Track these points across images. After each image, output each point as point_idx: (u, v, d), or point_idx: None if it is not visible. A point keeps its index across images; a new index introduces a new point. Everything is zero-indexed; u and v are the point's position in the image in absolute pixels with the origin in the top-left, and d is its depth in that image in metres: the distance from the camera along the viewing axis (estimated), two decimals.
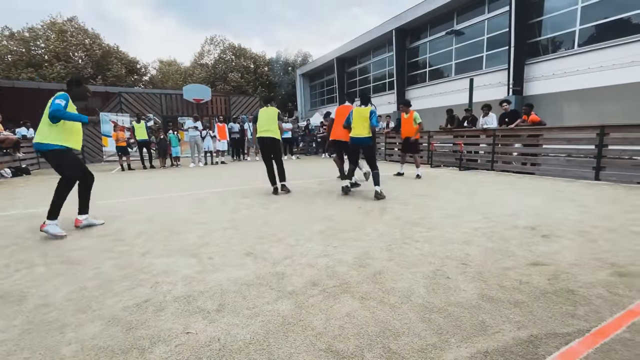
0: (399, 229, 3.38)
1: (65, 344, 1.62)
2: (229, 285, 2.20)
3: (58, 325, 1.78)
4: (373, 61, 20.73)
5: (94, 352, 1.55)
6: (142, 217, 4.19)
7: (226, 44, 34.07)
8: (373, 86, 20.99)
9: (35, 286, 2.27)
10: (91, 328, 1.75)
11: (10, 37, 27.26)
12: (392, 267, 2.44)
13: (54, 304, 2.02)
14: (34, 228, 3.80)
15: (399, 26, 16.90)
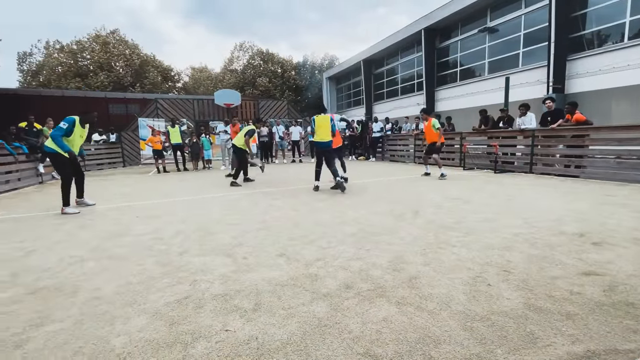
0: (433, 233, 3.28)
1: (115, 336, 1.71)
2: (264, 285, 2.24)
3: (108, 318, 1.89)
4: (401, 62, 20.40)
5: (141, 345, 1.62)
6: (178, 217, 4.37)
7: (255, 49, 35.00)
8: (401, 87, 20.65)
9: (87, 280, 2.43)
10: (137, 321, 1.84)
11: (60, 50, 29.67)
12: (428, 272, 2.36)
13: (104, 297, 2.15)
14: (83, 224, 4.08)
15: (428, 26, 16.52)
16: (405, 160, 11.86)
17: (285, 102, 18.35)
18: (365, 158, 13.61)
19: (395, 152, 12.65)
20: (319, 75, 32.52)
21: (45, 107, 16.10)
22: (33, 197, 6.72)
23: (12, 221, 4.48)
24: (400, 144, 12.42)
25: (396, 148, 12.61)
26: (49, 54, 29.61)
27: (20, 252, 3.12)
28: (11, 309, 2.02)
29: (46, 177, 9.11)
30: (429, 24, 16.46)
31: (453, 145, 9.99)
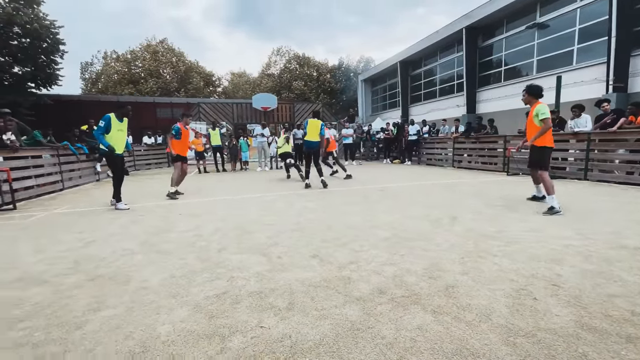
0: (472, 241, 3.13)
1: (161, 324, 1.84)
2: (298, 286, 2.28)
3: (154, 307, 2.03)
4: (440, 63, 19.73)
5: (183, 334, 1.73)
6: (217, 216, 4.58)
7: (291, 54, 35.77)
8: (439, 89, 19.95)
9: (136, 271, 2.63)
10: (180, 312, 1.96)
11: (116, 60, 32.46)
12: (467, 281, 2.26)
13: (151, 287, 2.31)
14: (134, 219, 4.43)
15: (470, 24, 15.82)
16: (443, 165, 11.42)
17: (320, 105, 18.52)
18: (401, 161, 13.31)
19: (432, 156, 12.24)
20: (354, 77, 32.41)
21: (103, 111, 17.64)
22: (92, 193, 7.40)
23: (76, 214, 4.97)
24: (438, 148, 11.99)
25: (433, 152, 12.20)
26: (106, 63, 32.51)
27: (81, 242, 3.46)
28: (73, 293, 2.25)
29: (102, 175, 9.98)
30: (470, 22, 15.77)
31: (496, 149, 9.45)
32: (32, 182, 6.83)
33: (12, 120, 6.93)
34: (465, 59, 16.44)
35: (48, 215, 5.02)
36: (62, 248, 3.28)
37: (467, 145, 10.39)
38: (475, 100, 16.61)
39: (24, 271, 2.70)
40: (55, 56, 17.19)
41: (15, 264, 2.86)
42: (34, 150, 7.26)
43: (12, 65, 15.86)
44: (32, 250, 3.25)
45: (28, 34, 15.49)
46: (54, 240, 3.59)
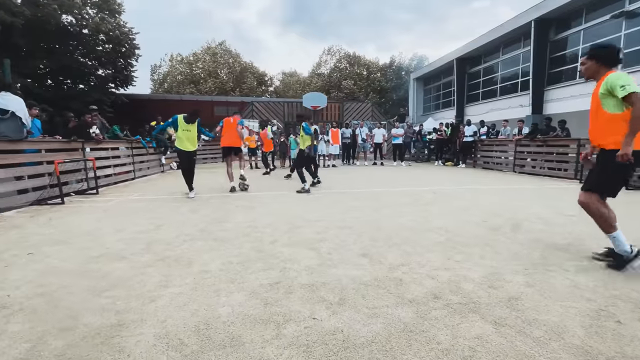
0: (539, 252, 2.86)
1: (221, 305, 1.97)
2: (348, 282, 2.28)
3: (215, 289, 2.18)
4: (502, 59, 18.26)
5: (241, 317, 1.83)
6: (269, 209, 4.77)
7: (342, 53, 35.78)
8: (500, 87, 18.48)
9: (198, 255, 2.85)
10: (238, 297, 2.08)
11: (180, 62, 35.32)
12: (533, 295, 2.07)
13: (211, 271, 2.49)
14: (193, 208, 4.79)
15: (540, 16, 14.38)
16: (502, 169, 10.58)
17: (369, 105, 18.29)
18: (454, 164, 12.61)
19: (490, 159, 11.40)
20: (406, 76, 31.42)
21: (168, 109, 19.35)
22: (158, 182, 8.16)
23: (146, 201, 5.53)
24: (497, 150, 11.13)
25: (492, 154, 11.35)
26: (172, 65, 35.54)
27: (152, 225, 3.84)
28: (147, 271, 2.51)
29: (165, 167, 10.95)
30: (541, 13, 14.33)
31: (567, 153, 8.50)
32: (111, 170, 7.75)
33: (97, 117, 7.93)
34: (533, 54, 15.01)
35: (123, 200, 5.64)
36: (137, 230, 3.67)
37: (532, 149, 9.49)
38: (543, 99, 15.09)
39: (106, 248, 3.07)
40: (131, 59, 19.28)
41: (100, 242, 3.27)
42: (113, 143, 8.21)
43: (98, 68, 18.10)
44: (112, 230, 3.69)
45: (111, 40, 17.55)
46: (129, 222, 4.03)
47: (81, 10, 16.08)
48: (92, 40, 17.11)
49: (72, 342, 1.61)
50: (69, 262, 2.71)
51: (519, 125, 10.51)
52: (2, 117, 4.84)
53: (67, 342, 1.61)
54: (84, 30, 16.69)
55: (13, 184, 5.05)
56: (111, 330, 1.71)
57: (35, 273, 2.47)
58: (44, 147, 5.78)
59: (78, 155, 6.48)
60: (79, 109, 11.96)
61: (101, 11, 17.18)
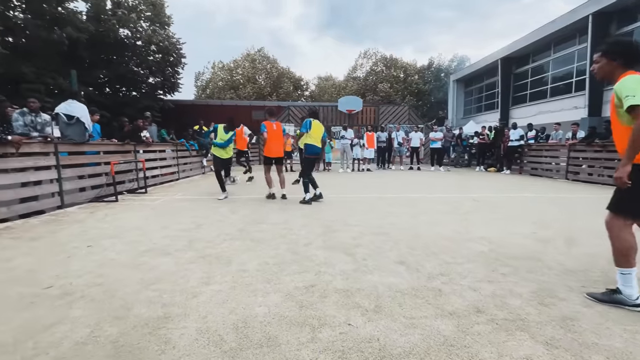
0: (599, 269, 2.60)
1: (258, 305, 2.02)
2: (384, 290, 2.23)
3: (252, 289, 2.24)
4: (553, 58, 16.96)
5: (277, 318, 1.86)
6: (304, 212, 4.82)
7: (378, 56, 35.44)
8: (551, 88, 17.16)
9: (236, 255, 2.95)
10: (274, 298, 2.12)
11: (221, 69, 37.10)
12: (592, 316, 1.88)
13: (249, 271, 2.56)
14: (232, 209, 4.98)
15: (599, 9, 13.18)
16: (552, 176, 9.79)
17: (406, 108, 17.88)
18: (497, 170, 11.89)
19: (539, 165, 10.59)
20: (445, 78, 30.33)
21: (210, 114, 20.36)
22: (199, 183, 8.60)
23: (189, 201, 5.85)
24: (547, 156, 10.31)
25: (541, 160, 10.54)
26: (214, 72, 37.43)
27: (194, 224, 4.05)
28: (190, 267, 2.64)
29: (206, 169, 11.51)
30: (601, 6, 13.13)
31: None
32: (158, 171, 8.31)
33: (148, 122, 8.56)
34: (590, 51, 13.77)
35: (168, 199, 6.02)
36: (180, 227, 3.89)
37: (589, 155, 8.67)
38: (602, 100, 13.76)
39: (153, 243, 3.29)
40: (178, 68, 20.59)
41: (148, 237, 3.51)
42: (160, 146, 8.81)
43: (148, 76, 19.56)
44: (159, 227, 3.94)
45: (160, 50, 18.90)
46: (174, 220, 4.28)
47: (136, 24, 17.50)
48: (144, 51, 18.55)
49: (124, 331, 1.73)
50: (122, 255, 2.94)
51: (573, 128, 9.66)
52: (69, 122, 5.39)
53: (120, 330, 1.74)
54: (137, 42, 18.14)
55: (76, 183, 5.59)
56: (158, 322, 1.82)
57: (94, 264, 2.71)
58: (102, 149, 6.34)
59: (130, 157, 7.03)
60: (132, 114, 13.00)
61: (153, 24, 18.58)
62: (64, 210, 4.99)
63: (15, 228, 3.95)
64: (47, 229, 3.92)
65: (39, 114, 5.11)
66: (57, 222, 4.28)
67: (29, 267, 2.64)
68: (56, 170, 5.06)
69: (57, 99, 12.41)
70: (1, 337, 1.68)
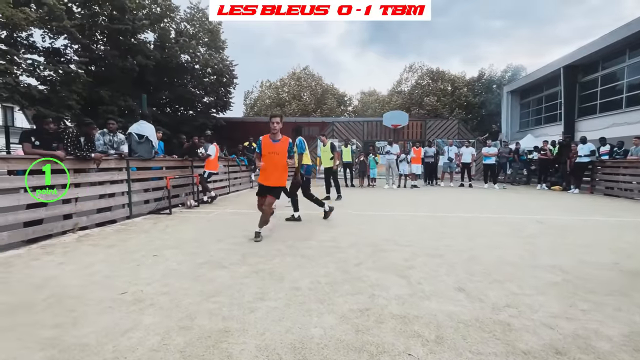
0: None
1: (313, 326, 2.00)
2: (444, 319, 2.09)
3: (306, 308, 2.24)
4: (629, 64, 15.22)
5: (334, 341, 1.83)
6: (352, 229, 4.76)
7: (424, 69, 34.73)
8: (627, 97, 15.34)
9: (288, 271, 2.98)
10: (328, 319, 2.09)
11: (268, 87, 39.00)
12: None
13: (301, 289, 2.57)
14: (279, 224, 5.09)
15: None
16: (633, 197, 8.61)
17: (455, 122, 17.17)
18: (563, 188, 10.77)
19: (615, 184, 9.38)
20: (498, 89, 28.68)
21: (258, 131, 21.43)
22: (248, 198, 8.97)
23: (240, 214, 6.12)
24: (625, 174, 9.11)
25: (618, 179, 9.34)
26: (262, 90, 39.47)
27: (245, 238, 4.21)
28: (244, 281, 2.73)
29: (254, 183, 12.00)
30: None
31: None
32: (211, 185, 8.84)
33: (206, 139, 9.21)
34: None
35: (221, 213, 6.34)
36: (233, 241, 4.06)
37: None
38: None
39: (210, 255, 3.46)
40: (230, 88, 22.09)
41: (205, 249, 3.70)
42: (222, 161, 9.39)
43: (204, 96, 21.23)
44: (213, 239, 4.16)
45: (215, 72, 20.48)
46: (227, 234, 4.49)
47: (195, 50, 19.23)
48: (201, 74, 20.24)
49: (190, 341, 1.82)
50: (182, 265, 3.13)
51: None
52: (140, 141, 6.00)
53: (186, 340, 1.83)
54: (196, 65, 19.88)
55: (142, 195, 6.15)
56: (219, 335, 1.88)
57: (159, 273, 2.92)
58: (165, 164, 6.94)
59: (188, 172, 7.59)
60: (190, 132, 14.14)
61: (210, 49, 20.28)
62: (131, 221, 5.49)
63: (94, 235, 4.43)
64: (119, 237, 4.33)
65: (116, 134, 5.76)
66: (127, 231, 4.71)
67: (106, 273, 2.92)
68: (127, 184, 5.63)
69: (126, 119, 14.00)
70: (86, 339, 1.86)
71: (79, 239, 4.22)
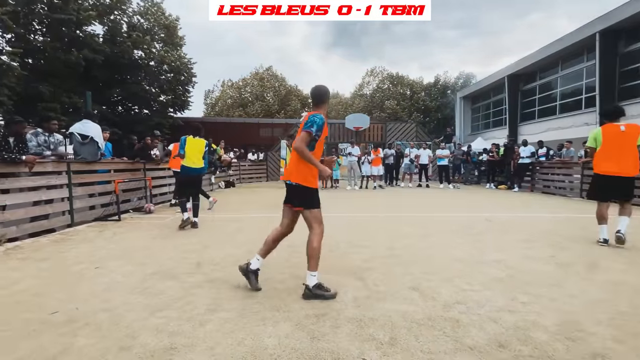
0: (627, 298, 2.45)
1: (267, 336, 1.93)
2: (398, 319, 2.13)
3: (261, 317, 2.16)
4: (562, 74, 16.96)
5: (288, 351, 1.77)
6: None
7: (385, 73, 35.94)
8: (560, 104, 17.08)
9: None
10: (284, 327, 2.03)
11: (230, 87, 37.96)
12: (626, 353, 1.75)
13: (257, 296, 2.48)
14: (240, 228, 4.93)
15: (606, 27, 13.22)
16: (566, 194, 9.56)
17: (413, 125, 17.92)
18: (508, 187, 11.69)
19: (551, 183, 10.38)
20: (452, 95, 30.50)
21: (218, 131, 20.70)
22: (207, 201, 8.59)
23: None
24: (559, 174, 10.11)
25: (553, 178, 10.34)
26: (223, 90, 38.30)
27: (201, 245, 4.00)
28: (196, 292, 2.58)
29: (214, 186, 11.56)
30: (607, 25, 13.19)
31: None
32: (167, 189, 8.35)
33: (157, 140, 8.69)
34: (598, 68, 13.76)
35: (176, 219, 5.99)
36: (188, 248, 3.85)
37: None
38: None
39: (160, 265, 3.24)
40: (188, 86, 21.13)
41: (155, 258, 3.46)
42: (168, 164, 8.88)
43: (160, 94, 20.09)
44: (166, 247, 3.90)
45: (172, 70, 19.47)
46: (183, 241, 4.24)
47: (150, 46, 18.14)
48: (157, 71, 19.14)
49: None
50: (129, 277, 2.89)
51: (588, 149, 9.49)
52: (83, 142, 5.49)
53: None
54: (150, 62, 18.75)
55: (86, 201, 5.63)
56: (163, 354, 1.74)
57: (101, 287, 2.66)
58: (113, 167, 6.42)
59: (140, 175, 7.10)
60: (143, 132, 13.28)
61: (166, 45, 19.25)
62: (73, 229, 5.00)
63: (25, 247, 3.95)
64: (56, 248, 3.91)
65: (52, 134, 5.22)
66: (67, 241, 4.27)
67: (36, 291, 2.60)
68: (68, 188, 5.12)
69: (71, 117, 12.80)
70: None
71: (5, 252, 3.74)
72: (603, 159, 3.97)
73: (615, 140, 3.88)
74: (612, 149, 3.91)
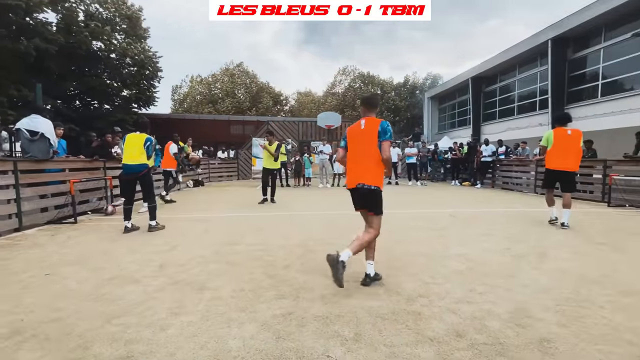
0: (571, 285, 2.67)
1: (232, 338, 1.89)
2: (364, 315, 2.17)
3: (225, 319, 2.12)
4: (519, 78, 18.09)
5: (252, 352, 1.75)
6: (282, 231, 4.71)
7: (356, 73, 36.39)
8: (518, 106, 18.21)
9: (210, 280, 2.80)
10: (249, 328, 2.00)
11: (199, 83, 36.71)
12: (567, 336, 1.90)
13: (223, 298, 2.43)
14: (207, 229, 4.79)
15: (557, 35, 14.27)
16: (522, 190, 10.23)
17: None
18: (471, 184, 12.31)
19: (510, 180, 11.07)
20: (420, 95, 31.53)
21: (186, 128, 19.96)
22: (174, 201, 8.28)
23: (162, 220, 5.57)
24: (517, 171, 10.81)
25: (511, 175, 11.03)
26: (192, 86, 36.96)
27: (167, 246, 3.84)
28: (159, 295, 2.47)
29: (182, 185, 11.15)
30: (558, 32, 14.23)
31: (592, 174, 8.16)
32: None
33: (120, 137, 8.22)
34: (550, 73, 14.82)
35: (139, 219, 5.71)
36: (151, 250, 3.68)
37: None
38: None
39: (120, 269, 3.07)
40: (154, 81, 20.15)
41: (115, 262, 3.28)
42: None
43: (122, 89, 18.99)
44: (127, 250, 3.71)
45: (136, 63, 18.47)
46: (144, 243, 4.05)
47: (110, 37, 17.08)
48: (118, 64, 18.06)
49: None
50: (84, 284, 2.72)
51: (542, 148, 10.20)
52: (32, 139, 5.07)
53: None
54: (111, 54, 17.66)
55: (37, 203, 5.22)
56: None
57: (50, 296, 2.48)
58: (67, 166, 5.99)
59: (100, 175, 6.68)
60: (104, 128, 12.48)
61: (128, 37, 18.21)
62: (22, 233, 4.61)
63: None
64: (0, 255, 3.58)
65: None
66: (13, 246, 3.93)
67: None
68: (15, 189, 4.71)
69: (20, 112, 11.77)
70: None
71: None
72: (553, 156, 4.89)
73: (563, 142, 4.80)
74: (560, 149, 4.77)
